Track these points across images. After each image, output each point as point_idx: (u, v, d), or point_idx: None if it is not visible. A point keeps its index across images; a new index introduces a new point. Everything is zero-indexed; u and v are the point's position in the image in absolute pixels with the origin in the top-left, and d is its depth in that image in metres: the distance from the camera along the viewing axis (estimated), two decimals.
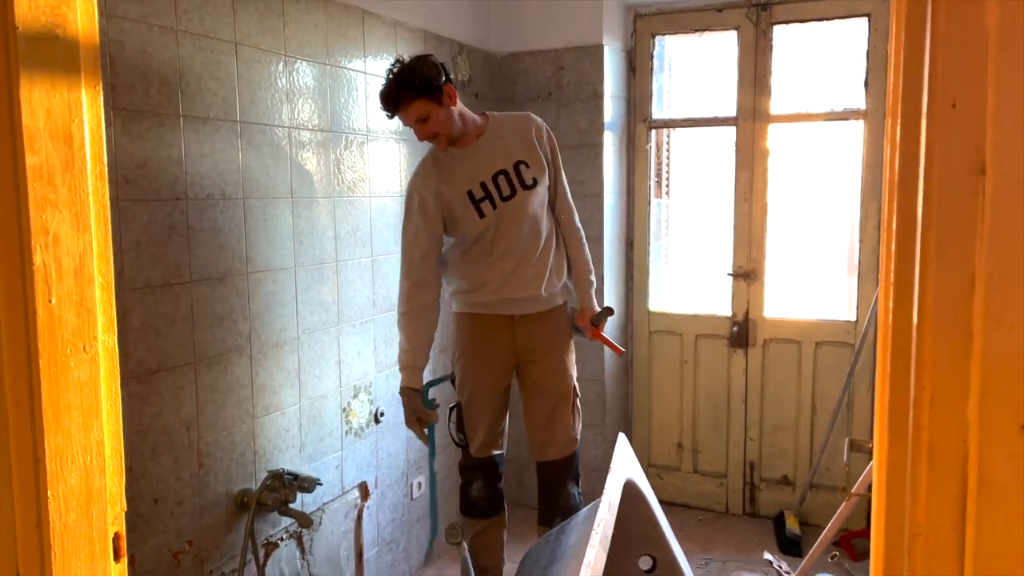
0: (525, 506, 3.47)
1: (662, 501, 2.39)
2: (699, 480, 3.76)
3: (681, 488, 3.79)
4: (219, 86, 2.15)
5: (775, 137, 3.50)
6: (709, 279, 3.74)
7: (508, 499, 2.76)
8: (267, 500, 2.29)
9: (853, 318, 3.43)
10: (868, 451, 2.50)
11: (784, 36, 3.45)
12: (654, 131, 3.73)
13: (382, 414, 2.88)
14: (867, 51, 3.30)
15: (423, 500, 3.17)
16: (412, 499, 3.10)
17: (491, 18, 3.54)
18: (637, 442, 3.82)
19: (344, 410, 2.70)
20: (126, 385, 1.90)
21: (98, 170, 0.88)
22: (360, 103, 2.73)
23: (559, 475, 2.61)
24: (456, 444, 2.65)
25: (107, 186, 0.89)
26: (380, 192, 2.86)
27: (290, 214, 2.43)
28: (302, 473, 2.38)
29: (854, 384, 3.32)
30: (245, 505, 2.28)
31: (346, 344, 2.70)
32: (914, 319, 0.70)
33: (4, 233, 0.81)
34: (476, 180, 2.44)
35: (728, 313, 3.63)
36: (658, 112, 3.72)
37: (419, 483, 3.13)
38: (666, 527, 2.18)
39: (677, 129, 3.79)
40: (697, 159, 3.84)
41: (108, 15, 1.83)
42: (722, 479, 3.72)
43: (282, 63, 2.37)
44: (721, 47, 3.60)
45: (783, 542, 3.34)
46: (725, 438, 3.70)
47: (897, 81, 0.71)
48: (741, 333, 3.59)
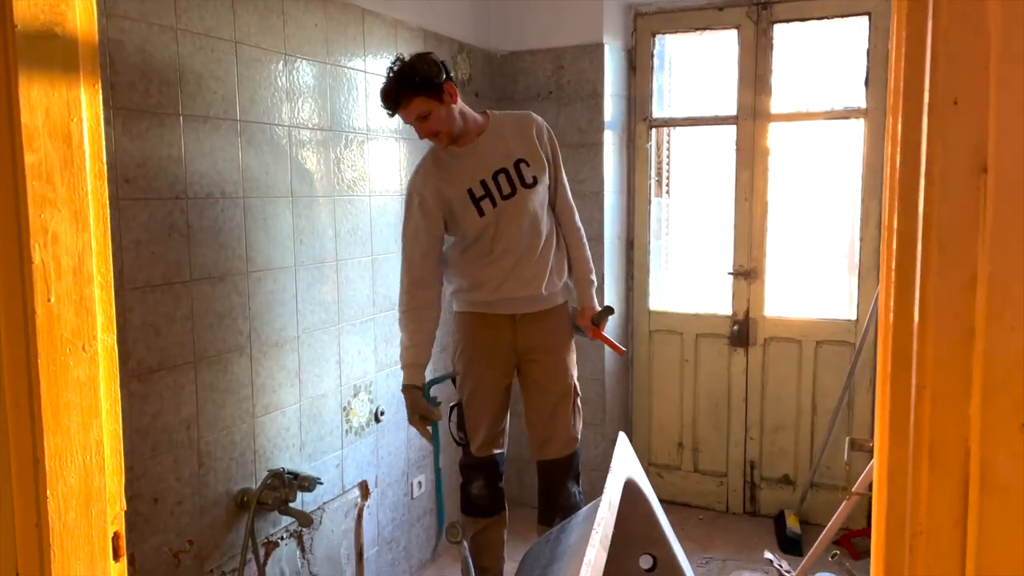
0: (525, 505, 3.46)
1: (662, 500, 2.39)
2: (699, 479, 3.76)
3: (681, 487, 3.79)
4: (219, 85, 2.15)
5: (776, 136, 3.50)
6: (709, 278, 3.73)
7: (508, 498, 2.76)
8: (267, 499, 2.29)
9: (854, 317, 3.43)
10: (869, 450, 2.50)
11: (785, 35, 3.44)
12: (654, 130, 3.73)
13: (382, 413, 2.88)
14: (868, 49, 3.29)
15: (423, 499, 3.17)
16: (412, 498, 3.10)
17: (491, 17, 3.54)
18: (637, 441, 3.82)
19: (344, 409, 2.70)
20: (126, 384, 1.90)
21: (97, 169, 0.88)
22: (360, 102, 2.73)
23: (560, 474, 2.61)
24: (457, 443, 2.65)
25: (106, 185, 0.89)
26: (380, 191, 2.86)
27: (290, 213, 2.43)
28: (302, 472, 2.38)
29: (855, 383, 3.32)
30: (245, 504, 2.28)
31: (346, 343, 2.70)
32: (915, 318, 0.69)
33: (3, 232, 0.81)
34: (476, 178, 2.44)
35: (728, 312, 3.63)
36: (658, 111, 3.72)
37: (419, 482, 3.13)
38: (666, 526, 2.18)
39: (677, 128, 3.78)
40: (697, 158, 3.84)
41: (108, 14, 1.83)
42: (722, 478, 3.72)
43: (282, 62, 2.37)
44: (722, 46, 3.60)
45: (783, 541, 3.34)
46: (725, 437, 3.69)
47: (898, 79, 0.71)
48: (741, 332, 3.59)
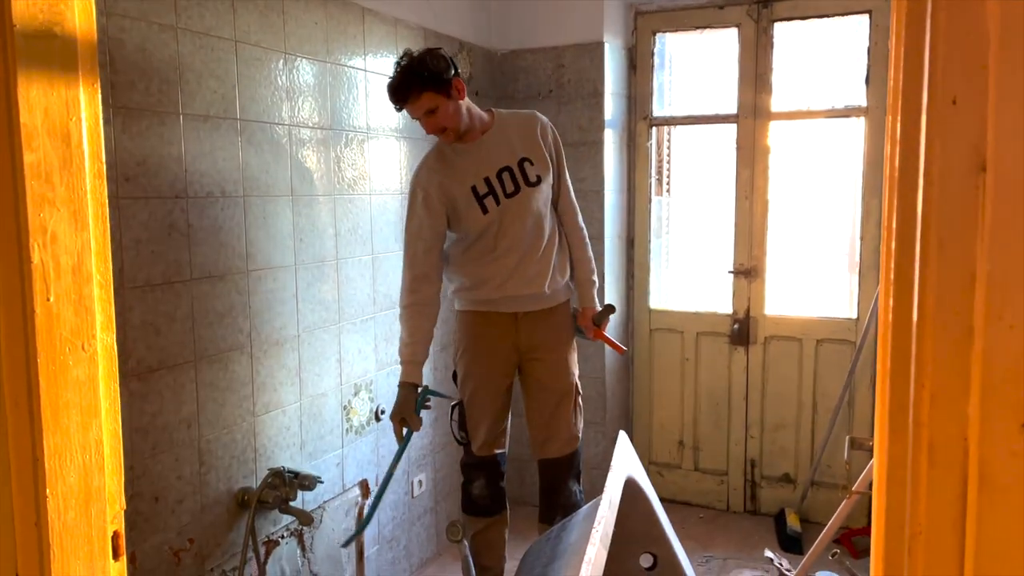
0: (526, 504, 3.47)
1: (663, 499, 2.39)
2: (700, 478, 3.76)
3: (682, 486, 3.79)
4: (219, 84, 2.15)
5: (776, 134, 3.50)
6: (710, 277, 3.73)
7: (509, 496, 2.76)
8: (268, 498, 2.29)
9: (854, 315, 3.42)
10: (869, 449, 2.50)
11: (785, 33, 3.44)
12: (655, 129, 3.73)
13: (383, 412, 2.88)
14: (868, 48, 3.29)
15: (424, 498, 3.18)
16: (413, 497, 3.10)
17: (491, 16, 3.53)
18: (638, 440, 3.82)
19: (345, 408, 2.71)
20: (126, 383, 1.90)
21: (96, 168, 0.88)
22: (360, 101, 2.73)
23: (561, 473, 2.61)
24: (458, 442, 2.65)
25: (105, 184, 0.89)
26: (380, 190, 2.86)
27: (290, 212, 2.43)
28: (303, 471, 2.38)
29: (855, 382, 3.32)
30: (246, 503, 2.28)
31: (347, 342, 2.70)
32: (914, 317, 0.69)
33: (2, 231, 0.81)
34: (480, 176, 2.44)
35: (729, 311, 3.63)
36: (659, 110, 3.72)
37: (420, 481, 3.13)
38: (667, 525, 2.18)
39: (678, 127, 3.78)
40: (698, 157, 3.83)
41: (108, 13, 1.83)
42: (723, 477, 3.72)
43: (282, 61, 2.37)
44: (722, 44, 3.59)
45: (784, 540, 3.34)
46: (726, 436, 3.70)
47: (897, 78, 0.71)
48: (742, 331, 3.59)
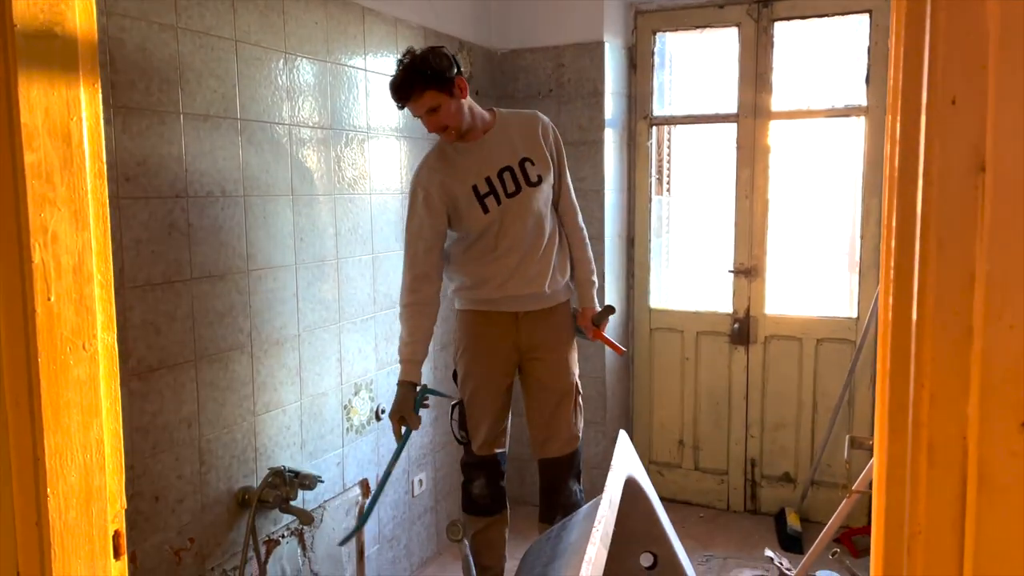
0: (526, 503, 3.47)
1: (663, 498, 2.40)
2: (700, 477, 3.77)
3: (682, 485, 3.79)
4: (219, 83, 2.15)
5: (776, 134, 3.50)
6: (710, 276, 3.73)
7: (509, 496, 2.76)
8: (268, 497, 2.29)
9: (854, 315, 3.42)
10: (869, 448, 2.50)
11: (785, 33, 3.44)
12: (655, 128, 3.72)
13: (383, 411, 2.88)
14: (868, 47, 3.29)
15: (424, 497, 3.18)
16: (413, 496, 3.10)
17: (491, 15, 3.53)
18: (638, 439, 3.82)
19: (345, 407, 2.71)
20: (127, 383, 1.90)
21: (97, 168, 0.88)
22: (360, 100, 2.73)
23: (561, 472, 2.61)
24: (458, 442, 2.65)
25: (106, 184, 0.89)
26: (381, 189, 2.86)
27: (291, 211, 2.43)
28: (303, 470, 2.38)
29: (855, 381, 3.32)
30: (246, 502, 2.28)
31: (347, 341, 2.70)
32: (914, 316, 0.69)
33: (3, 231, 0.81)
34: (481, 175, 2.44)
35: (729, 310, 3.63)
36: (659, 109, 3.72)
37: (420, 480, 3.14)
38: (667, 524, 2.19)
39: (678, 126, 3.78)
40: (698, 156, 3.83)
41: (108, 12, 1.83)
42: (723, 476, 3.72)
43: (282, 60, 2.37)
44: (722, 44, 3.59)
45: (784, 539, 3.34)
46: (726, 435, 3.70)
47: (897, 77, 0.71)
48: (742, 330, 3.59)
